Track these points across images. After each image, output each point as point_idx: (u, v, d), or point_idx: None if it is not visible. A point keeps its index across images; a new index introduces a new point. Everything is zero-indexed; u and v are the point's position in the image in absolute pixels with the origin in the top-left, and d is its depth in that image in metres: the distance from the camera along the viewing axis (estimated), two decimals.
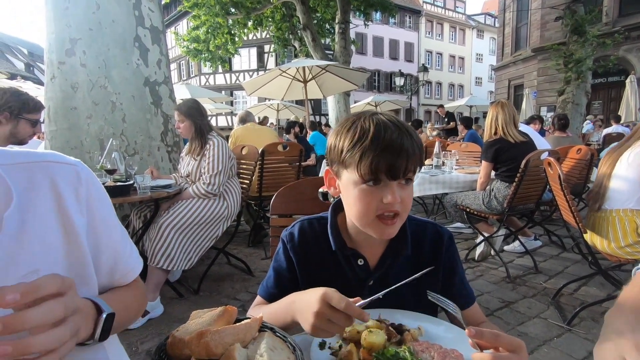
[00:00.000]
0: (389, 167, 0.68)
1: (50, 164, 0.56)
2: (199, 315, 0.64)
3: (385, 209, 0.70)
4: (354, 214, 0.74)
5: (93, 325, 0.53)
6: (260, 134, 4.16)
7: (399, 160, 0.69)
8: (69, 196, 0.56)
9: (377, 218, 0.71)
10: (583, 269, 2.86)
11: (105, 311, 0.54)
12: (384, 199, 0.69)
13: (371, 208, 0.71)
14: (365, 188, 0.71)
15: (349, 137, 0.71)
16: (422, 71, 16.72)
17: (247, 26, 12.38)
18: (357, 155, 0.69)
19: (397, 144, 0.69)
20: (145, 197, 2.18)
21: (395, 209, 0.71)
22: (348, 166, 0.72)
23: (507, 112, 2.95)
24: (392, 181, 0.70)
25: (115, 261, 0.65)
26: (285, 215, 1.28)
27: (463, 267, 0.87)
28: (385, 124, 0.71)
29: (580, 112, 9.38)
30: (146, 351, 1.91)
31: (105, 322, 0.54)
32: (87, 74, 2.71)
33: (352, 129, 0.72)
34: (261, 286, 0.87)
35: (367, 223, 0.73)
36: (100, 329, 0.53)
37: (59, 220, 0.55)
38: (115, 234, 0.66)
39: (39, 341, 0.39)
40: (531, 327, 2.12)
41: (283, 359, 0.54)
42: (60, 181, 0.55)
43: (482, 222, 3.15)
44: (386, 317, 0.72)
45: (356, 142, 0.70)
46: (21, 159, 0.54)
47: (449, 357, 0.60)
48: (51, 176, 0.55)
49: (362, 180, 0.70)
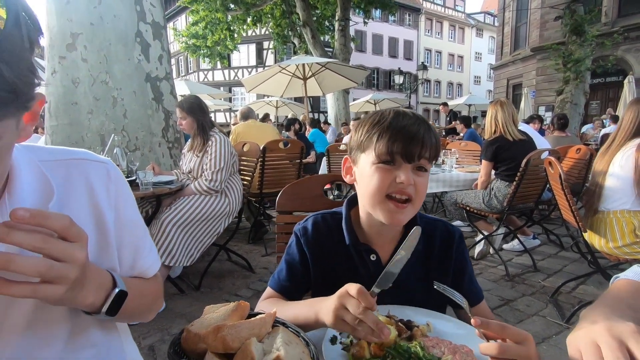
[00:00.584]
0: (404, 148, 0.71)
1: (85, 161, 0.61)
2: (212, 310, 0.64)
3: (397, 188, 0.72)
4: (367, 193, 0.75)
5: (105, 296, 0.54)
6: (261, 131, 4.15)
7: (414, 143, 0.72)
8: (101, 192, 0.60)
9: (388, 199, 0.73)
10: (581, 267, 2.88)
11: (119, 287, 0.55)
12: (398, 178, 0.71)
13: (384, 185, 0.72)
14: (381, 166, 0.73)
15: (368, 124, 0.76)
16: (421, 69, 16.72)
17: (246, 22, 12.34)
18: (374, 136, 0.73)
19: (413, 129, 0.73)
20: (147, 193, 2.18)
21: (408, 192, 0.72)
22: (366, 148, 0.76)
23: (507, 111, 2.96)
24: (407, 164, 0.72)
25: (135, 257, 0.67)
26: (290, 212, 1.29)
27: (472, 265, 0.88)
28: (404, 113, 0.76)
29: (579, 112, 9.43)
30: (148, 346, 1.91)
31: (118, 298, 0.55)
32: (89, 69, 2.69)
33: (372, 117, 0.77)
34: (272, 278, 0.88)
35: (378, 201, 0.74)
36: (109, 302, 0.53)
37: (91, 213, 0.59)
38: (138, 231, 0.68)
39: (21, 259, 0.40)
40: (530, 324, 2.14)
41: (298, 352, 0.55)
42: (93, 177, 0.60)
43: (481, 220, 3.17)
44: (395, 313, 0.73)
45: (375, 125, 0.75)
46: (59, 156, 0.58)
47: (459, 353, 0.61)
48: (85, 173, 0.59)
49: (379, 160, 0.73)
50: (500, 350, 0.51)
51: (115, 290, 0.55)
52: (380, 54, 30.71)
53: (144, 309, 0.68)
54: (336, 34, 10.69)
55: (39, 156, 0.56)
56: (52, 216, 0.43)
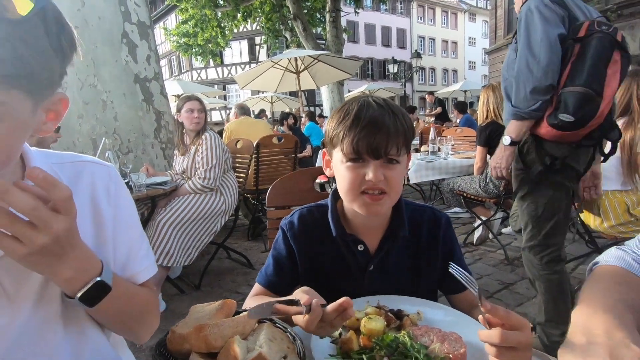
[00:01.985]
0: (369, 144, 0.70)
1: (90, 163, 0.67)
2: (198, 309, 0.64)
3: (368, 186, 0.72)
4: (342, 191, 0.77)
5: (86, 281, 0.53)
6: (254, 127, 4.13)
7: (379, 137, 0.70)
8: (101, 190, 0.65)
9: (362, 194, 0.73)
10: (580, 248, 2.89)
11: (102, 277, 0.55)
12: (367, 175, 0.71)
13: (355, 184, 0.73)
14: (350, 165, 0.73)
15: (335, 118, 0.75)
16: (415, 57, 16.62)
17: (236, 18, 12.20)
18: (340, 134, 0.73)
19: (377, 121, 0.71)
20: (141, 195, 2.17)
21: (380, 187, 0.72)
22: (335, 145, 0.76)
23: (498, 95, 2.94)
24: (375, 160, 0.71)
25: (129, 257, 0.68)
26: (282, 207, 1.28)
27: (461, 250, 0.88)
28: (368, 103, 0.74)
29: None
30: (149, 348, 1.92)
31: (98, 289, 0.54)
32: (76, 73, 2.67)
33: (339, 111, 0.76)
34: (260, 274, 0.88)
35: (353, 199, 0.74)
36: (86, 288, 0.53)
37: (92, 209, 0.64)
38: (133, 233, 0.70)
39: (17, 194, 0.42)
40: (530, 307, 2.15)
41: (282, 348, 0.54)
42: (96, 177, 0.65)
43: (479, 206, 3.17)
44: (385, 303, 0.73)
45: (340, 122, 0.74)
46: (67, 160, 0.65)
47: (448, 340, 0.61)
48: (90, 173, 0.65)
49: (347, 158, 0.73)
50: (502, 338, 0.50)
51: (96, 278, 0.54)
52: (374, 44, 30.49)
53: (132, 318, 0.66)
54: (328, 25, 10.58)
55: (51, 159, 0.63)
56: (58, 186, 0.45)
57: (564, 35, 1.44)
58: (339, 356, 0.60)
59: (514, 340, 0.50)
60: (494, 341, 0.51)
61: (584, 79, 1.36)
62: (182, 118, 2.50)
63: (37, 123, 0.52)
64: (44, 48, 0.46)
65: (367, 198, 0.73)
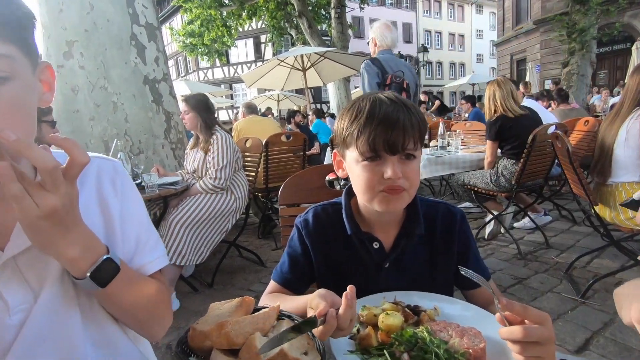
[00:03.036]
0: (385, 141, 0.69)
1: (97, 158, 0.67)
2: (217, 307, 0.65)
3: (387, 184, 0.71)
4: (359, 190, 0.76)
5: (93, 260, 0.54)
6: (262, 126, 4.14)
7: (395, 133, 0.69)
8: (107, 183, 0.66)
9: (380, 191, 0.72)
10: (595, 241, 2.85)
11: (110, 255, 0.55)
12: (385, 174, 0.70)
13: (373, 184, 0.72)
14: (366, 164, 0.72)
15: (348, 117, 0.74)
16: (421, 52, 16.46)
17: (241, 17, 12.21)
18: (355, 132, 0.71)
19: (392, 117, 0.70)
20: (153, 195, 2.20)
21: (398, 184, 0.71)
22: (349, 145, 0.74)
23: (504, 89, 2.91)
24: (392, 156, 0.70)
25: (136, 249, 0.68)
26: (293, 204, 1.29)
27: (476, 245, 0.87)
28: (380, 100, 0.72)
29: (586, 82, 9.20)
30: (166, 345, 1.95)
31: (106, 266, 0.54)
32: (87, 76, 2.70)
33: (350, 110, 0.75)
34: (275, 272, 0.88)
35: (372, 197, 0.73)
36: (95, 265, 0.53)
37: (98, 202, 0.65)
38: (141, 225, 0.70)
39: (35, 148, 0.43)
40: (545, 301, 2.13)
41: (303, 345, 0.54)
42: (102, 171, 0.66)
43: (490, 200, 3.14)
44: (402, 299, 0.73)
45: (353, 120, 0.72)
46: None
47: (467, 335, 0.61)
48: (97, 167, 0.66)
49: (363, 157, 0.72)
50: (524, 334, 0.50)
51: (103, 256, 0.54)
52: None
53: (143, 309, 0.65)
54: (333, 22, 10.52)
55: (58, 157, 0.61)
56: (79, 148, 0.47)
57: (379, 83, 2.58)
58: (358, 352, 0.60)
59: (536, 334, 0.50)
60: (516, 337, 0.50)
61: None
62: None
63: (38, 91, 0.53)
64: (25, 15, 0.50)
65: (387, 193, 0.72)
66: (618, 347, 1.69)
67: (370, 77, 2.56)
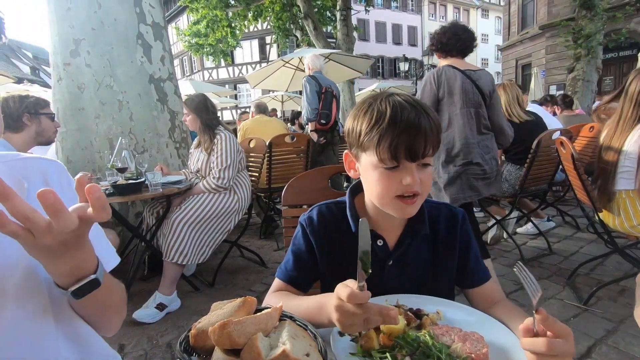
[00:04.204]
0: (407, 148, 0.69)
1: (39, 160, 0.69)
2: (219, 306, 0.64)
3: (404, 190, 0.71)
4: (374, 195, 0.76)
5: (77, 278, 0.55)
6: (268, 126, 4.15)
7: (418, 140, 0.69)
8: (55, 184, 0.67)
9: (396, 198, 0.72)
10: (599, 248, 2.83)
11: (97, 275, 0.57)
12: (404, 180, 0.70)
13: (391, 190, 0.72)
14: (385, 172, 0.71)
15: (366, 120, 0.72)
16: (426, 55, 16.44)
17: (247, 18, 12.26)
18: (375, 138, 0.70)
19: (415, 124, 0.69)
20: (156, 193, 2.20)
21: (415, 190, 0.71)
22: (367, 149, 0.73)
23: (510, 93, 2.90)
24: (412, 163, 0.70)
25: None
26: (296, 205, 1.29)
27: (477, 245, 0.88)
28: (401, 105, 0.71)
29: (592, 89, 9.14)
30: (166, 344, 1.95)
31: (90, 284, 0.56)
32: (93, 74, 2.72)
33: (369, 112, 0.72)
34: (279, 269, 0.88)
35: (387, 203, 0.74)
36: (80, 284, 0.55)
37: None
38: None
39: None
40: (547, 308, 2.11)
41: (305, 346, 0.54)
42: (48, 173, 0.68)
43: (493, 205, 3.13)
44: (404, 302, 0.73)
45: (373, 125, 0.70)
46: (16, 157, 0.67)
47: (470, 340, 0.60)
48: (41, 169, 0.67)
49: (382, 164, 0.71)
50: (548, 347, 0.50)
51: (90, 276, 0.56)
52: (384, 42, 30.28)
53: (110, 310, 0.68)
54: (338, 24, 10.55)
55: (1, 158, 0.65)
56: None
57: (317, 91, 3.61)
58: (360, 355, 0.60)
59: (560, 349, 0.50)
60: (539, 350, 0.50)
61: (326, 108, 3.61)
62: None
63: None
64: None
65: (402, 202, 0.72)
66: (621, 355, 1.67)
67: (311, 87, 3.60)
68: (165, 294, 2.26)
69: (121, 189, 2.15)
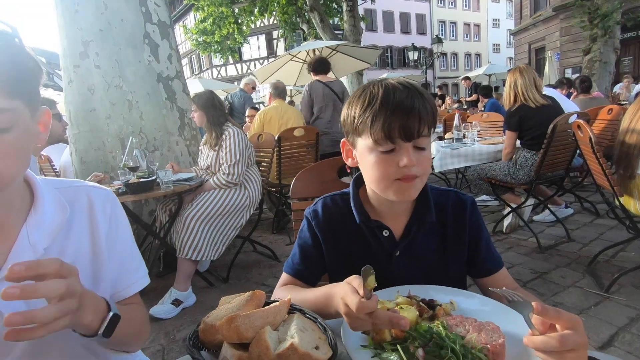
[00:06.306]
0: (401, 127, 0.68)
1: (89, 187, 0.74)
2: (227, 300, 0.64)
3: (402, 173, 0.70)
4: (372, 180, 0.75)
5: (101, 318, 0.58)
6: (286, 116, 3.86)
7: (411, 119, 0.68)
8: (98, 208, 0.72)
9: (395, 181, 0.71)
10: (620, 234, 2.74)
11: (113, 310, 0.60)
12: (400, 162, 0.69)
13: (389, 173, 0.71)
14: (381, 155, 0.71)
15: (359, 104, 0.72)
16: (436, 43, 16.15)
17: (253, 13, 12.21)
18: (368, 119, 0.70)
19: (407, 103, 0.68)
20: (168, 191, 2.23)
21: (413, 173, 0.70)
22: (362, 133, 0.72)
23: (527, 77, 2.80)
24: (407, 143, 0.69)
25: (120, 270, 0.75)
26: (306, 198, 1.28)
27: (488, 232, 0.86)
28: (393, 86, 0.71)
29: (610, 70, 8.84)
30: (182, 339, 1.98)
31: (112, 320, 0.59)
32: (102, 75, 2.75)
33: (361, 97, 0.73)
34: (286, 264, 0.88)
35: (386, 186, 0.73)
36: (105, 324, 0.58)
37: (89, 225, 0.71)
38: (126, 249, 0.76)
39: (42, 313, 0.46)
40: (566, 296, 2.06)
41: (314, 339, 0.53)
42: (94, 198, 0.73)
43: (508, 192, 3.06)
44: (416, 293, 0.71)
45: (366, 107, 0.70)
46: (68, 184, 0.73)
47: (485, 330, 0.58)
48: (88, 194, 0.73)
49: (377, 145, 0.70)
50: (561, 342, 0.46)
51: (110, 313, 0.59)
52: (392, 31, 29.84)
53: (132, 336, 0.72)
54: (345, 15, 10.41)
55: (53, 185, 0.71)
56: (43, 263, 0.48)
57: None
58: (371, 347, 0.59)
59: (572, 342, 0.46)
60: (552, 347, 0.47)
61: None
62: None
63: (35, 133, 0.61)
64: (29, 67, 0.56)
65: (401, 182, 0.71)
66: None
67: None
68: (181, 290, 2.29)
69: (133, 188, 2.17)
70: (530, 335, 0.50)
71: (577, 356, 0.47)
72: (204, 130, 2.65)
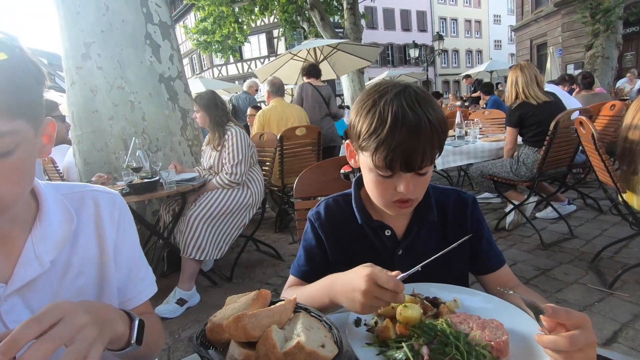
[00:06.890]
0: (403, 162, 0.68)
1: (96, 192, 0.72)
2: (234, 300, 0.65)
3: (399, 196, 0.72)
4: (371, 194, 0.78)
5: (129, 330, 0.57)
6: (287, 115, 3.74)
7: (414, 155, 0.67)
8: (106, 215, 0.71)
9: (391, 202, 0.74)
10: (623, 230, 2.73)
11: (136, 319, 0.59)
12: (398, 188, 0.70)
13: (386, 195, 0.73)
14: (380, 179, 0.72)
15: (367, 123, 0.69)
16: (437, 40, 16.09)
17: (253, 12, 12.20)
18: (372, 146, 0.68)
19: (412, 142, 0.66)
20: (171, 191, 2.24)
21: (409, 197, 0.72)
22: (365, 150, 0.72)
23: (528, 74, 2.80)
24: (407, 173, 0.70)
25: (129, 278, 0.73)
26: (308, 197, 1.28)
27: (489, 229, 0.86)
28: (403, 112, 0.65)
29: (612, 66, 8.80)
30: (187, 338, 2.00)
31: (140, 326, 0.59)
32: (104, 77, 2.76)
33: (370, 113, 0.68)
34: (293, 266, 0.89)
35: (383, 205, 0.76)
36: (135, 333, 0.57)
37: (96, 232, 0.69)
38: (134, 256, 0.75)
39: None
40: (569, 293, 2.07)
41: (320, 337, 0.54)
42: (101, 204, 0.71)
43: (511, 190, 3.05)
44: (420, 291, 0.71)
45: (372, 132, 0.67)
46: (75, 190, 0.71)
47: (489, 327, 0.59)
48: (95, 200, 0.71)
49: (377, 169, 0.71)
50: (571, 342, 0.47)
51: (135, 321, 0.58)
52: (393, 29, 29.75)
53: (152, 344, 0.70)
54: (345, 13, 10.38)
55: (60, 191, 0.68)
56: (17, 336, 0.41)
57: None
58: (376, 344, 0.60)
59: (582, 341, 0.47)
60: (562, 347, 0.48)
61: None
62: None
63: (39, 147, 0.58)
64: (30, 80, 0.53)
65: (396, 205, 0.74)
66: None
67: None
68: (185, 290, 2.31)
69: (137, 188, 2.19)
70: (541, 334, 0.51)
71: (587, 354, 0.48)
72: (207, 131, 2.66)
